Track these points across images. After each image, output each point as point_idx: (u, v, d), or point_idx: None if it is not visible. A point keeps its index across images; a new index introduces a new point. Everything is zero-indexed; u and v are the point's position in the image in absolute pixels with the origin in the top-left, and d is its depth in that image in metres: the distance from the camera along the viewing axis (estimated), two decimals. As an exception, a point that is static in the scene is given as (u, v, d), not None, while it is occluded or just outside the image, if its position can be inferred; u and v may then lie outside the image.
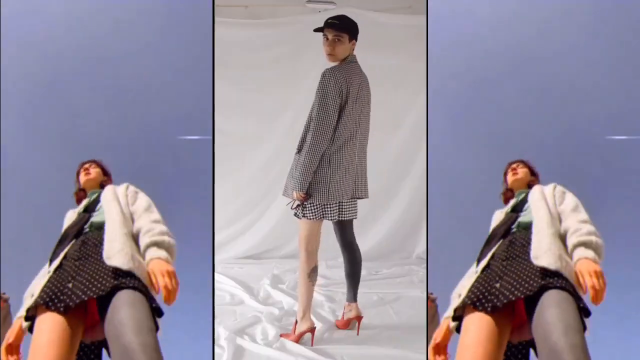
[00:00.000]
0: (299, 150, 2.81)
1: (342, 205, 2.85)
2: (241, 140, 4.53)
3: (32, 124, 2.93)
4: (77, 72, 2.95)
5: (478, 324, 1.82)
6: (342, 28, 2.77)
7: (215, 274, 3.44)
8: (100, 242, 1.98)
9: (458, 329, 1.90)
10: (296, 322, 2.85)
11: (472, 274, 2.02)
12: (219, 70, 2.90)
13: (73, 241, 2.06)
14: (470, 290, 1.90)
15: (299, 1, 4.37)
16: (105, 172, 2.40)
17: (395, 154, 4.51)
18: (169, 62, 3.00)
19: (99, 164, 2.41)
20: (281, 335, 2.89)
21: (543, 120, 3.03)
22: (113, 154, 2.56)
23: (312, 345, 2.83)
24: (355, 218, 2.96)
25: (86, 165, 2.38)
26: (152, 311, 1.79)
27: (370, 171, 3.77)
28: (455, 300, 1.95)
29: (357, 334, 2.97)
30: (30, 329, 1.85)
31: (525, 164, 2.40)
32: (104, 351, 1.98)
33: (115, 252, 1.87)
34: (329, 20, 2.78)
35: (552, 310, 1.72)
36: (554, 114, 3.03)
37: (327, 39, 2.75)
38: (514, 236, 2.07)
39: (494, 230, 2.15)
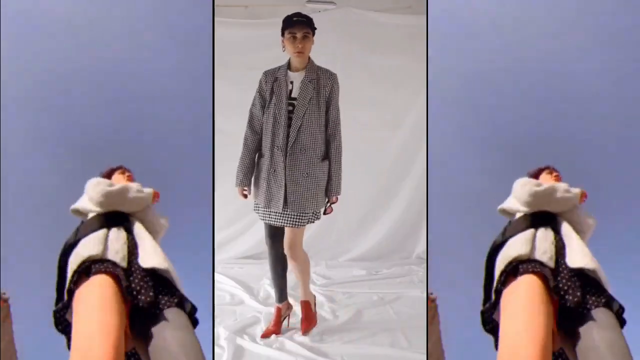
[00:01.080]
0: (324, 158, 2.82)
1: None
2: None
3: (32, 124, 2.93)
4: (77, 72, 2.95)
5: (540, 287, 1.78)
6: (308, 24, 2.75)
7: (215, 274, 3.44)
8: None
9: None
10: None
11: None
12: (219, 70, 2.90)
13: (126, 234, 2.03)
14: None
15: (299, 1, 4.36)
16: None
17: (395, 154, 4.51)
18: (169, 62, 3.00)
19: (134, 179, 2.38)
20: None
21: (543, 120, 3.03)
22: (113, 154, 2.55)
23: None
24: None
25: (124, 170, 2.35)
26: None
27: (370, 171, 3.80)
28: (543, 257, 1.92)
29: (287, 326, 3.02)
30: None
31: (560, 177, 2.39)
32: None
33: (150, 254, 1.89)
34: (295, 19, 2.74)
35: (595, 331, 1.70)
36: (554, 113, 3.03)
37: (296, 37, 2.73)
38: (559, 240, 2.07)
39: (540, 212, 2.11)
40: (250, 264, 4.37)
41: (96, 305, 1.69)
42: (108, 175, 2.39)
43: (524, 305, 1.75)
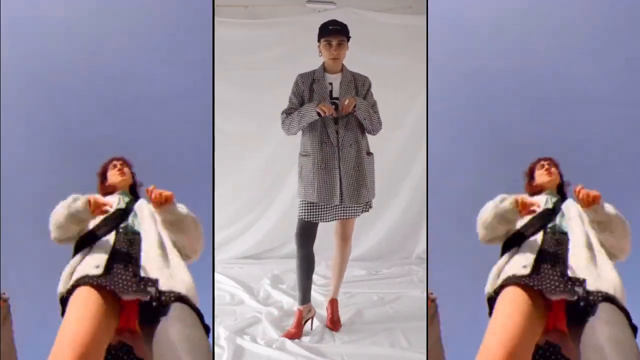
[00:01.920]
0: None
1: None
2: (241, 140, 4.53)
3: (32, 125, 2.93)
4: (76, 72, 2.95)
5: (519, 298, 1.83)
6: (342, 32, 2.88)
7: (215, 274, 3.44)
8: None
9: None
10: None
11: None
12: (219, 70, 2.90)
13: (114, 233, 2.09)
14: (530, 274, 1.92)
15: (299, 1, 4.37)
16: (132, 173, 2.44)
17: (395, 154, 4.51)
18: (169, 62, 3.00)
19: (129, 165, 2.43)
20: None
21: (543, 120, 3.03)
22: (113, 154, 2.55)
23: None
24: None
25: (117, 163, 2.39)
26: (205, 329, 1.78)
27: (370, 171, 3.74)
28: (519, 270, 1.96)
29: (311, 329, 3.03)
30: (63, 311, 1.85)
31: (557, 166, 2.42)
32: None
33: (154, 269, 1.93)
34: (331, 27, 2.87)
35: (601, 328, 1.70)
36: (554, 113, 3.03)
37: (331, 44, 2.85)
38: (556, 237, 2.12)
39: (533, 219, 2.17)
40: (250, 264, 4.37)
41: (72, 319, 1.74)
42: (103, 173, 2.40)
43: (501, 311, 1.83)
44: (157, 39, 3.00)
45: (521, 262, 2.01)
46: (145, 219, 2.17)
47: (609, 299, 1.82)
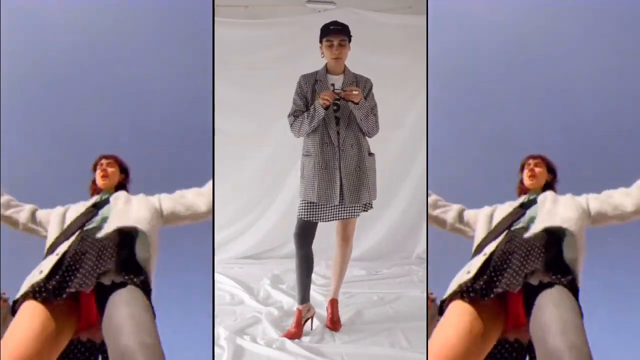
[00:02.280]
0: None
1: None
2: (241, 140, 4.53)
3: (33, 124, 2.93)
4: (77, 72, 2.95)
5: (464, 312, 1.84)
6: (344, 32, 2.87)
7: (215, 274, 3.44)
8: (97, 240, 2.00)
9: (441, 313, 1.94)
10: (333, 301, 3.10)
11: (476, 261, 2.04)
12: (219, 70, 2.90)
13: (77, 233, 2.07)
14: (473, 279, 1.93)
15: (299, 1, 4.37)
16: (122, 169, 2.39)
17: (395, 154, 4.51)
18: (169, 62, 3.00)
19: (117, 161, 2.39)
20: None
21: (543, 120, 3.03)
22: (113, 153, 2.55)
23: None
24: None
25: (103, 163, 2.36)
26: (152, 307, 1.79)
27: (370, 171, 3.74)
28: (464, 277, 1.97)
29: (311, 329, 3.02)
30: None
31: (544, 160, 2.38)
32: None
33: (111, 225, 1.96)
34: (332, 27, 2.86)
35: (549, 309, 1.71)
36: (554, 113, 3.03)
37: (333, 45, 2.85)
38: (513, 233, 2.08)
39: (500, 222, 2.18)
40: (250, 264, 4.37)
41: (14, 335, 1.74)
42: (93, 172, 2.39)
43: (442, 329, 1.84)
44: (157, 39, 3.00)
45: (467, 267, 2.01)
46: (119, 204, 2.16)
47: (554, 284, 1.82)
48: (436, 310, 2.03)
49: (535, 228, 2.02)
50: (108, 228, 2.01)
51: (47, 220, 2.22)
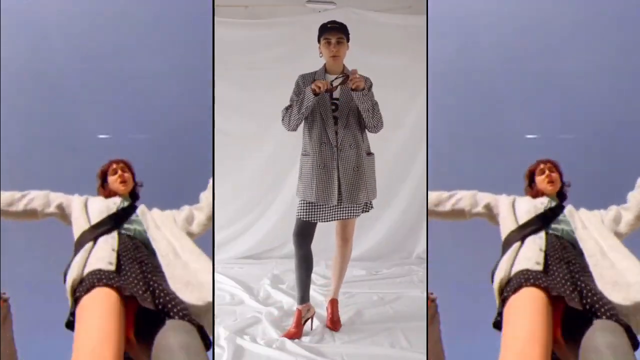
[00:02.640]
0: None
1: None
2: (241, 140, 4.53)
3: (32, 125, 2.93)
4: (77, 72, 2.95)
5: (541, 300, 1.80)
6: (341, 30, 2.87)
7: (215, 274, 3.43)
8: (151, 255, 2.03)
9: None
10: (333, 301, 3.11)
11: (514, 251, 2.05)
12: (219, 70, 2.90)
13: (117, 234, 2.07)
14: (548, 274, 1.91)
15: (299, 1, 4.37)
16: (133, 174, 2.44)
17: (395, 154, 4.51)
18: (169, 61, 3.00)
19: (128, 165, 2.43)
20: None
21: (543, 120, 3.03)
22: (113, 154, 2.55)
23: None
24: None
25: (117, 168, 2.38)
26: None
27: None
28: (533, 266, 1.95)
29: (311, 329, 3.02)
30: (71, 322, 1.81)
31: (556, 166, 2.42)
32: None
33: (182, 286, 1.88)
34: (329, 25, 2.86)
35: (606, 335, 1.68)
36: (554, 113, 3.03)
37: (330, 42, 2.84)
38: (562, 241, 2.11)
39: (534, 219, 2.19)
40: (250, 264, 4.37)
41: (96, 316, 1.69)
42: (103, 176, 2.40)
43: (524, 315, 1.77)
44: (157, 39, 3.00)
45: (533, 258, 1.98)
46: (151, 227, 2.18)
47: (612, 316, 1.78)
48: (436, 310, 2.02)
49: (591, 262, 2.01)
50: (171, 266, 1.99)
51: (67, 204, 2.26)
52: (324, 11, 4.33)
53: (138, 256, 2.00)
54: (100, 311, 1.70)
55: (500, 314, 1.91)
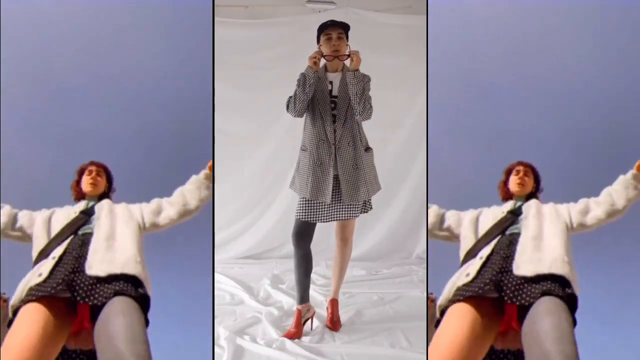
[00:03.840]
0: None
1: None
2: (241, 140, 4.53)
3: (32, 125, 2.93)
4: (77, 72, 2.95)
5: (465, 314, 1.83)
6: (343, 26, 2.87)
7: (215, 274, 3.44)
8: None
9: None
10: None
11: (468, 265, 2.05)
12: (219, 70, 2.90)
13: (71, 237, 2.08)
14: (473, 281, 1.94)
15: (299, 1, 4.37)
16: (109, 180, 2.42)
17: (395, 154, 4.51)
18: (169, 62, 3.00)
19: (106, 171, 2.42)
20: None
21: (543, 120, 3.03)
22: (113, 154, 2.56)
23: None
24: None
25: (93, 170, 2.38)
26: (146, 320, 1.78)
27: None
28: (462, 279, 1.97)
29: (311, 329, 3.02)
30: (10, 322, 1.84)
31: (533, 170, 2.42)
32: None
33: (98, 262, 1.92)
34: (329, 22, 2.87)
35: (546, 318, 1.71)
36: (553, 113, 3.03)
37: (331, 37, 2.84)
38: (513, 237, 2.11)
39: (492, 228, 2.19)
40: (250, 264, 4.37)
41: (16, 337, 1.73)
42: (80, 175, 2.40)
43: (446, 329, 1.84)
44: (157, 39, 3.00)
45: (465, 271, 2.02)
46: (102, 216, 2.16)
47: (546, 293, 1.83)
48: (436, 310, 2.03)
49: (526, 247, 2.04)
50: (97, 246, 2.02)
51: (29, 225, 2.21)
52: (323, 11, 4.33)
53: (81, 252, 2.00)
54: (24, 325, 1.76)
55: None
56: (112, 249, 2.00)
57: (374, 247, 4.52)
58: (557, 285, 1.87)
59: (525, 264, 1.94)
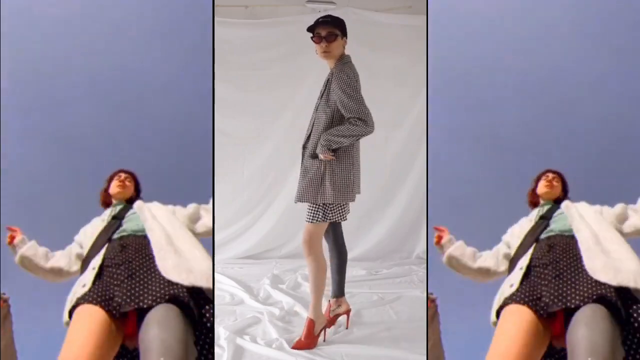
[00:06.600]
0: (312, 155, 2.68)
1: (346, 205, 2.85)
2: (241, 140, 4.54)
3: (32, 125, 2.93)
4: (76, 72, 2.95)
5: (520, 316, 1.81)
6: (333, 24, 2.72)
7: (215, 274, 3.43)
8: (141, 248, 2.01)
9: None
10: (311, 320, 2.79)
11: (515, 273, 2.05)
12: (219, 71, 2.89)
13: (107, 245, 2.08)
14: (519, 290, 1.91)
15: (299, 1, 4.37)
16: (137, 187, 2.46)
17: (395, 153, 4.51)
18: (170, 62, 3.00)
19: (134, 177, 2.46)
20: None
21: (543, 120, 3.03)
22: (113, 154, 2.56)
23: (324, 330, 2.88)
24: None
25: (122, 175, 2.43)
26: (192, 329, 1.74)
27: (370, 171, 3.79)
28: (507, 291, 1.96)
29: (347, 328, 2.97)
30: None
31: (561, 178, 2.45)
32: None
33: (170, 269, 1.88)
34: (320, 19, 2.73)
35: (581, 328, 1.69)
36: (553, 113, 3.03)
37: (321, 36, 2.69)
38: (551, 241, 2.10)
39: (527, 237, 2.20)
40: (250, 264, 4.37)
41: (73, 340, 1.70)
42: (109, 182, 2.42)
43: (503, 331, 1.80)
44: (158, 39, 3.00)
45: (507, 283, 2.00)
46: (149, 218, 2.17)
47: (597, 300, 1.79)
48: (436, 310, 2.02)
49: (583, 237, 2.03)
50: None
51: (81, 253, 2.21)
52: (324, 11, 4.33)
53: (124, 257, 1.98)
54: (78, 327, 1.74)
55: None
56: (178, 253, 1.97)
57: (374, 247, 4.52)
58: (615, 295, 1.81)
59: (602, 272, 1.87)
